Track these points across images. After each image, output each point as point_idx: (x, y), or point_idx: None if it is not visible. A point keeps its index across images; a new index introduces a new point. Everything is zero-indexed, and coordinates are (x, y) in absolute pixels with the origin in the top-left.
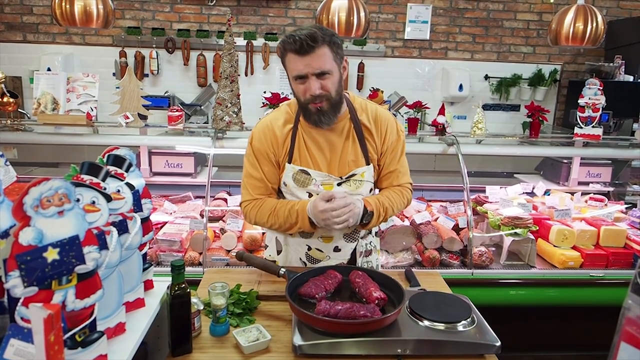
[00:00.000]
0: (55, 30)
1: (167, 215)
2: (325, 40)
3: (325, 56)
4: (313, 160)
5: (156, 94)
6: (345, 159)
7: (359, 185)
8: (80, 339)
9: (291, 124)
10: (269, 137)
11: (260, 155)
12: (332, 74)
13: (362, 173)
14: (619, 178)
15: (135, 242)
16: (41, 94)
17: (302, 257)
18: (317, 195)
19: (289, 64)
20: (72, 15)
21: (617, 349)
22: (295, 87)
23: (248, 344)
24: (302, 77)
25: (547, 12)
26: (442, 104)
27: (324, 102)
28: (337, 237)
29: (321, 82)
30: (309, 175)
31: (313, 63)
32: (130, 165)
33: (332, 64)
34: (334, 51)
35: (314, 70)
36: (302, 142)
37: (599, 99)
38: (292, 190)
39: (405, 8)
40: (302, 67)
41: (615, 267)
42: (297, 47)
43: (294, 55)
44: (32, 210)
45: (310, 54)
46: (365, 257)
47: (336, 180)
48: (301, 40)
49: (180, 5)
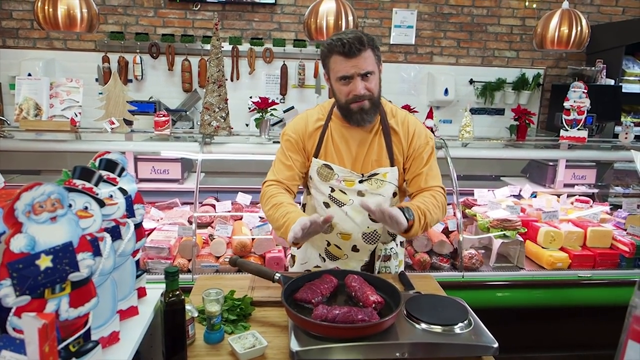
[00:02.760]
0: (36, 35)
1: (154, 222)
2: (369, 44)
3: (370, 58)
4: (338, 156)
5: (140, 99)
6: (370, 158)
7: (381, 185)
8: (74, 349)
9: (322, 121)
10: (302, 128)
11: (291, 145)
12: (375, 75)
13: (384, 173)
14: (603, 180)
15: (128, 248)
16: (23, 99)
17: (322, 252)
18: (339, 191)
19: (333, 65)
20: (55, 19)
21: (624, 348)
22: (337, 87)
23: (244, 351)
24: (347, 78)
25: (530, 17)
26: (430, 108)
27: (366, 101)
28: (355, 236)
29: (365, 83)
30: (331, 170)
31: (359, 64)
32: (123, 170)
33: (374, 66)
34: (376, 54)
35: (360, 71)
36: (329, 138)
37: (583, 102)
38: (316, 184)
39: (391, 13)
40: (349, 68)
41: (602, 267)
42: (345, 49)
43: (340, 57)
44: (23, 216)
45: (357, 56)
46: (384, 262)
47: (358, 177)
48: (350, 43)
49: (164, 10)
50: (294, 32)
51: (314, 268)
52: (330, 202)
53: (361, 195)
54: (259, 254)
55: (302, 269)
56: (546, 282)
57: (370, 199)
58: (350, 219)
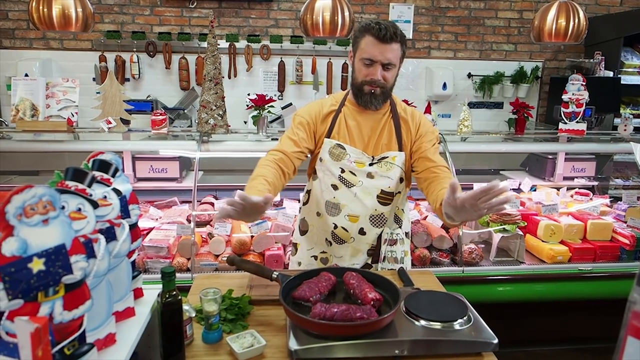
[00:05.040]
0: (32, 36)
1: (153, 221)
2: (401, 39)
3: (397, 52)
4: (350, 137)
5: (138, 98)
6: (380, 142)
7: (390, 167)
8: (69, 352)
9: (335, 106)
10: (315, 110)
11: (302, 125)
12: (394, 69)
13: (393, 157)
14: (603, 172)
15: (123, 249)
16: (19, 100)
17: (328, 236)
18: (349, 172)
19: (364, 45)
20: (50, 19)
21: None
22: (358, 67)
23: (242, 351)
24: (370, 61)
25: (527, 9)
26: (428, 102)
27: (379, 88)
28: (363, 218)
29: (384, 73)
30: (344, 150)
31: (387, 53)
32: (117, 171)
33: (397, 60)
34: (402, 50)
35: (384, 60)
36: (342, 120)
37: (582, 95)
38: (327, 165)
39: (388, 8)
40: (377, 54)
41: (602, 260)
42: (381, 34)
43: (373, 40)
44: (15, 220)
45: (388, 44)
46: (390, 246)
47: (369, 159)
48: (387, 29)
49: (161, 8)
50: (291, 29)
51: (321, 254)
52: (339, 183)
53: (370, 178)
54: (258, 252)
55: (308, 255)
56: (547, 275)
57: (379, 182)
58: (359, 200)
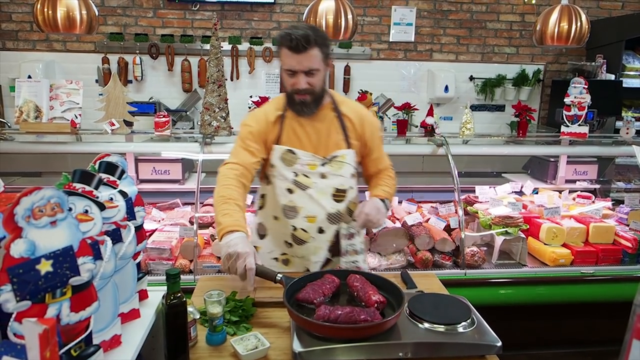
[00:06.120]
0: (36, 37)
1: (156, 222)
2: (317, 42)
3: (315, 57)
4: (299, 142)
5: (140, 100)
6: (329, 141)
7: (341, 166)
8: (76, 354)
9: (281, 111)
10: (262, 118)
11: (251, 134)
12: (319, 72)
13: (343, 155)
14: (605, 175)
15: (129, 251)
16: (23, 102)
17: (288, 238)
18: (302, 175)
19: (283, 57)
20: (54, 21)
21: (629, 347)
22: (285, 77)
23: (247, 353)
24: (292, 71)
25: (529, 13)
26: (431, 105)
27: (308, 95)
28: (320, 217)
29: (308, 79)
30: (295, 155)
31: (304, 62)
32: (123, 173)
33: (320, 63)
34: (323, 52)
35: (303, 68)
36: (290, 126)
37: (584, 98)
38: (279, 171)
39: (390, 11)
40: (294, 64)
41: (604, 263)
42: (292, 45)
43: (288, 51)
44: (23, 221)
45: (302, 53)
46: (349, 240)
47: (320, 160)
48: (297, 40)
49: (164, 11)
50: None
51: (281, 255)
52: (294, 187)
53: (324, 178)
54: None
55: (268, 257)
56: (549, 278)
57: (332, 181)
58: (316, 200)
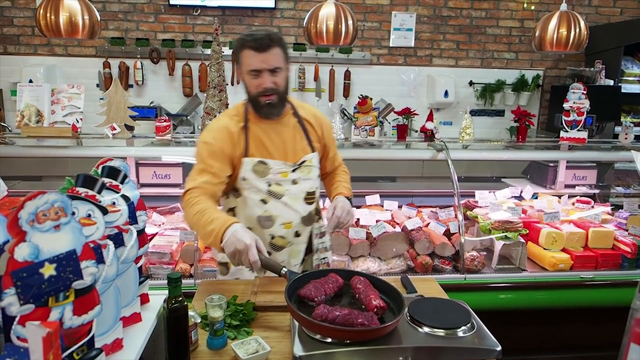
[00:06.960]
0: (37, 42)
1: (156, 227)
2: (279, 42)
3: (278, 56)
4: (269, 151)
5: (141, 104)
6: (295, 148)
7: (310, 170)
8: (78, 357)
9: (242, 122)
10: (224, 135)
11: (214, 153)
12: (282, 72)
13: (310, 159)
14: (604, 180)
15: (131, 255)
16: (25, 106)
17: (267, 247)
18: (275, 184)
19: (244, 59)
20: (57, 26)
21: (627, 351)
22: (248, 81)
23: (247, 357)
24: (256, 72)
25: (528, 18)
26: (430, 110)
27: (274, 95)
28: (296, 222)
29: (273, 78)
30: (267, 165)
31: (268, 60)
32: (125, 177)
33: (283, 62)
34: (284, 52)
35: (269, 66)
36: (255, 136)
37: (583, 103)
38: (252, 183)
39: (390, 16)
40: (259, 63)
41: (604, 268)
42: (256, 44)
43: (251, 52)
44: (27, 225)
45: (267, 51)
46: (320, 238)
47: (291, 167)
48: (261, 38)
49: (165, 15)
50: (293, 36)
51: None
52: (268, 197)
53: (295, 184)
54: None
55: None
56: (548, 283)
57: (303, 185)
58: (290, 207)
